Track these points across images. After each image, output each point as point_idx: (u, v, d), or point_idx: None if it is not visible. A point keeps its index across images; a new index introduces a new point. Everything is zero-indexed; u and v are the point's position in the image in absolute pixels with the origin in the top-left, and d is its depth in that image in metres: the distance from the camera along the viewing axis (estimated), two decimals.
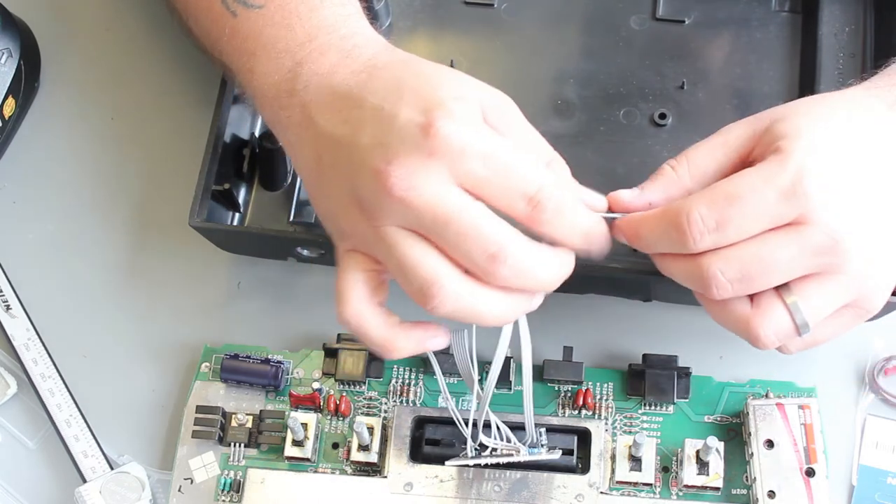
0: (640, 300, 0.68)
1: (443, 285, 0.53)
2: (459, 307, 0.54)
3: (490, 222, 0.53)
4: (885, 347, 0.67)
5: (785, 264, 0.54)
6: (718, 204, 0.54)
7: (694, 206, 0.54)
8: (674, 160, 0.58)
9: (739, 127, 0.58)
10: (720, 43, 0.74)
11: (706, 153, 0.58)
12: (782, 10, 0.74)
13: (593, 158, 0.71)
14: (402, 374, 0.68)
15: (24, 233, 0.73)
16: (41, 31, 0.77)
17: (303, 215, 0.70)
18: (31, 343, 0.69)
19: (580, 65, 0.74)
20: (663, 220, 0.56)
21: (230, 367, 0.67)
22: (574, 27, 0.75)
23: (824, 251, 0.54)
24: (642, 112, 0.72)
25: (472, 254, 0.53)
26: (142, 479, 0.65)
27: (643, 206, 0.58)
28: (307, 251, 0.67)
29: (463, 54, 0.74)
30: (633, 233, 0.58)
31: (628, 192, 0.58)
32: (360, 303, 0.57)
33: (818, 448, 0.62)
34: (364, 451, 0.64)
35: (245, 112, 0.71)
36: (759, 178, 0.54)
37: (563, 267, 0.56)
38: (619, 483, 0.64)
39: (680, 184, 0.57)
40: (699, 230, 0.54)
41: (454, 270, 0.54)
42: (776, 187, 0.53)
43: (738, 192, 0.54)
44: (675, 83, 0.73)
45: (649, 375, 0.66)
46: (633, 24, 0.75)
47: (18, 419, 0.69)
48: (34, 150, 0.76)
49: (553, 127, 0.72)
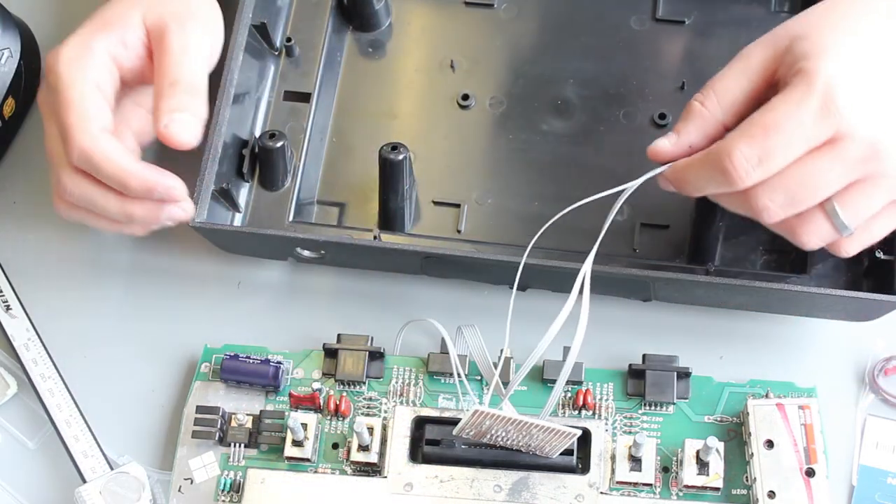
0: (639, 300, 0.68)
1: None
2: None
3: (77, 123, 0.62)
4: (885, 347, 0.67)
5: (829, 181, 0.56)
6: (757, 139, 0.55)
7: (735, 146, 0.55)
8: (700, 94, 0.59)
9: (758, 49, 0.58)
10: (720, 43, 0.73)
11: (731, 81, 0.59)
12: (782, 10, 0.74)
13: (593, 159, 0.71)
14: (402, 374, 0.68)
15: (24, 233, 0.73)
16: (41, 31, 0.77)
17: (303, 215, 0.70)
18: (31, 343, 0.69)
19: (580, 65, 0.74)
20: (708, 164, 0.57)
21: (230, 368, 0.67)
22: (574, 27, 0.75)
23: (864, 161, 0.55)
24: (642, 112, 0.72)
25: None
26: (142, 479, 0.65)
27: (685, 151, 0.59)
28: (307, 251, 0.67)
29: (463, 55, 0.74)
30: (681, 182, 0.59)
31: (666, 140, 0.60)
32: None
33: (818, 448, 0.62)
34: (364, 452, 0.64)
35: (245, 112, 0.71)
36: (790, 104, 0.55)
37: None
38: (619, 483, 0.64)
39: (713, 118, 0.59)
40: (745, 169, 0.55)
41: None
42: (809, 110, 0.54)
43: (773, 122, 0.55)
44: (676, 84, 0.73)
45: (649, 375, 0.66)
46: (634, 25, 0.75)
47: (18, 419, 0.69)
48: (34, 151, 0.76)
49: (553, 127, 0.72)
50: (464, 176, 0.71)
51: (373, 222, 0.70)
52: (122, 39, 0.65)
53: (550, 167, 0.71)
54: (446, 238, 0.69)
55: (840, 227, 0.57)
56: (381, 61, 0.75)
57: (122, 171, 0.62)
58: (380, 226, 0.70)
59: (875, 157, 0.55)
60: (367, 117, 0.73)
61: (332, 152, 0.73)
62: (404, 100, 0.74)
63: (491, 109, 0.73)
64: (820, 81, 0.55)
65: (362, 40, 0.76)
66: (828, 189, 0.56)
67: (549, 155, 0.72)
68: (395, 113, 0.74)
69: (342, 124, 0.73)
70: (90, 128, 0.62)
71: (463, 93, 0.73)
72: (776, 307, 0.67)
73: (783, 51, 0.57)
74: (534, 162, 0.72)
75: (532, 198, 0.70)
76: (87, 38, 0.64)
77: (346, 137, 0.73)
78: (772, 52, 0.58)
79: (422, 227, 0.70)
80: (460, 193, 0.71)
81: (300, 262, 0.69)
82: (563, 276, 0.61)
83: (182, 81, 0.63)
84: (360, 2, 0.74)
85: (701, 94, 0.59)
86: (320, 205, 0.71)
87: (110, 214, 0.64)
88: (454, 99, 0.73)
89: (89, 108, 0.62)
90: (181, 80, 0.63)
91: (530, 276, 0.64)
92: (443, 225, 0.70)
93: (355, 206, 0.71)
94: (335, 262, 0.70)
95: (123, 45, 0.65)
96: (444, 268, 0.68)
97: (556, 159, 0.71)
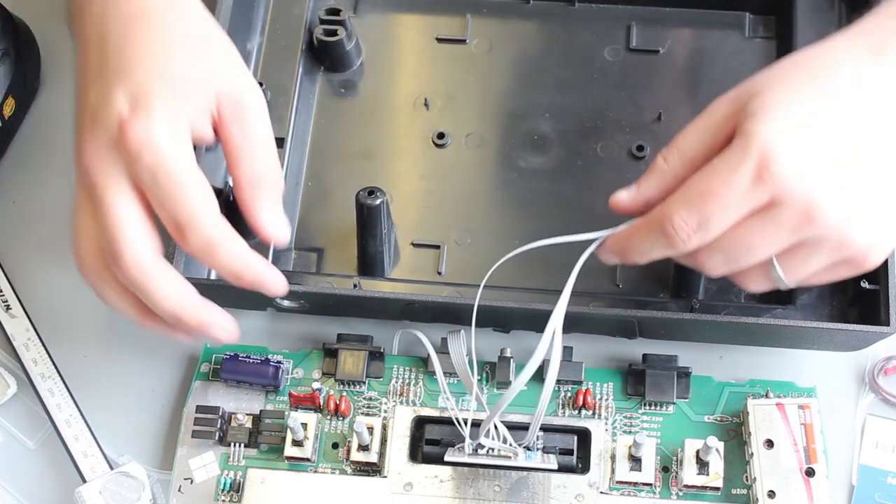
0: (625, 338, 0.68)
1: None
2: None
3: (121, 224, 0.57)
4: (885, 347, 0.67)
5: (766, 245, 0.55)
6: (695, 204, 0.55)
7: (675, 211, 0.55)
8: (665, 150, 0.58)
9: (723, 104, 0.57)
10: (695, 72, 0.73)
11: (694, 138, 0.57)
12: (756, 36, 0.73)
13: (572, 193, 0.70)
14: (402, 374, 0.68)
15: (24, 233, 0.73)
16: (41, 31, 0.77)
17: (280, 263, 0.68)
18: (31, 343, 0.69)
19: (555, 98, 0.73)
20: (649, 229, 0.57)
21: (230, 367, 0.67)
22: (547, 61, 0.74)
23: (799, 226, 0.54)
24: (620, 145, 0.71)
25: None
26: (142, 479, 0.65)
27: (642, 206, 0.58)
28: (287, 301, 0.66)
29: (437, 92, 0.73)
30: (623, 253, 0.59)
31: (625, 192, 0.59)
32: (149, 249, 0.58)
33: (818, 448, 0.62)
34: (364, 451, 0.64)
35: (219, 159, 0.67)
36: (727, 170, 0.54)
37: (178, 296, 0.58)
38: (619, 483, 0.64)
39: (672, 174, 0.58)
40: (685, 232, 0.55)
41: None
42: (744, 175, 0.53)
43: (709, 188, 0.54)
44: (652, 115, 0.72)
45: (649, 375, 0.66)
46: (608, 56, 0.74)
47: (18, 419, 0.69)
48: (34, 150, 0.76)
49: (530, 162, 0.71)
50: (442, 216, 0.70)
51: (352, 267, 0.68)
52: (199, 110, 0.58)
53: (529, 204, 0.70)
54: (426, 282, 0.68)
55: (780, 283, 0.57)
56: (354, 101, 0.73)
57: (243, 259, 0.58)
58: (359, 271, 0.68)
59: (810, 222, 0.54)
60: (342, 159, 0.72)
61: (308, 197, 0.71)
62: (379, 140, 0.72)
63: (467, 147, 0.72)
64: (756, 145, 0.53)
65: (334, 81, 0.74)
66: (766, 252, 0.56)
67: (527, 192, 0.70)
68: (371, 153, 0.72)
69: (317, 167, 0.72)
70: (214, 212, 0.57)
71: (438, 131, 0.72)
72: (762, 341, 0.66)
73: (741, 108, 0.56)
74: (512, 199, 0.70)
75: (512, 236, 0.68)
76: (173, 110, 0.57)
77: (322, 181, 0.71)
78: (734, 107, 0.56)
79: (401, 270, 0.69)
80: (439, 234, 0.69)
81: (280, 312, 0.68)
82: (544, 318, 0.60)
83: (271, 174, 0.60)
84: (331, 43, 0.72)
85: (666, 149, 0.58)
86: (298, 251, 0.69)
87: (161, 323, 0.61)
88: (429, 137, 0.72)
89: (207, 192, 0.57)
90: (270, 171, 0.60)
91: (513, 317, 0.63)
92: (423, 267, 0.69)
93: (334, 251, 0.69)
94: (316, 312, 0.68)
95: (201, 114, 0.58)
96: (426, 313, 0.67)
97: (535, 196, 0.70)
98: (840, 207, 0.54)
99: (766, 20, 0.73)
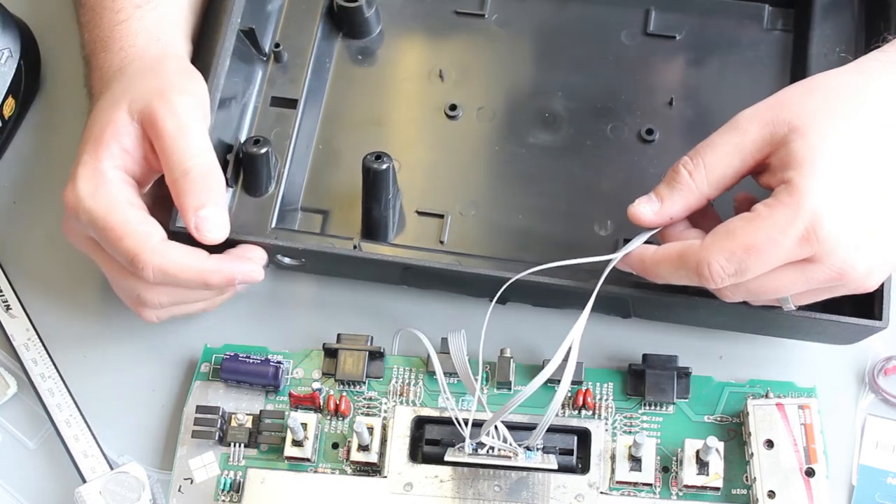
0: (619, 317, 0.68)
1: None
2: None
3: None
4: (885, 347, 0.67)
5: (791, 289, 0.58)
6: (737, 255, 0.56)
7: (714, 259, 0.56)
8: (690, 163, 0.59)
9: (756, 126, 0.57)
10: (710, 60, 0.73)
11: (723, 158, 0.58)
12: (774, 28, 0.73)
13: (579, 172, 0.70)
14: (402, 374, 0.68)
15: (24, 233, 0.73)
16: (41, 31, 0.77)
17: (286, 222, 0.69)
18: (31, 343, 0.69)
19: (569, 78, 0.73)
20: (683, 267, 0.58)
21: (230, 368, 0.67)
22: (564, 40, 0.74)
23: (829, 281, 0.56)
24: (630, 127, 0.71)
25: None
26: (142, 479, 0.65)
27: (664, 222, 0.60)
28: (288, 259, 0.67)
29: (452, 64, 0.74)
30: (645, 273, 0.60)
31: (647, 207, 0.60)
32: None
33: (818, 448, 0.62)
34: (364, 451, 0.64)
35: (231, 117, 0.70)
36: (775, 229, 0.55)
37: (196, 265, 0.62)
38: (619, 483, 0.64)
39: (699, 194, 0.59)
40: (720, 277, 0.57)
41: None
42: (792, 235, 0.55)
43: (755, 243, 0.55)
44: (664, 99, 0.72)
45: (649, 375, 0.66)
46: (624, 39, 0.74)
47: (18, 419, 0.69)
48: (34, 150, 0.76)
49: (539, 139, 0.71)
50: (449, 187, 0.71)
51: (356, 231, 0.69)
52: (122, 147, 0.63)
53: (536, 180, 0.70)
54: (428, 249, 0.68)
55: (786, 307, 0.60)
56: (370, 69, 0.74)
57: (200, 272, 0.62)
58: (363, 235, 0.69)
59: (840, 279, 0.56)
60: (353, 125, 0.73)
61: (317, 159, 0.71)
62: (392, 108, 0.73)
63: (478, 120, 0.72)
64: (807, 209, 0.55)
65: (352, 47, 0.75)
66: (789, 293, 0.58)
67: (534, 167, 0.71)
68: (382, 121, 0.73)
69: (328, 131, 0.72)
70: (151, 245, 0.61)
71: (451, 103, 0.72)
72: (756, 328, 0.67)
73: (780, 140, 0.57)
74: (519, 174, 0.71)
75: (516, 210, 0.69)
76: (92, 164, 0.63)
77: (332, 144, 0.72)
78: (769, 135, 0.57)
79: (405, 237, 0.69)
80: (445, 204, 0.70)
81: (281, 269, 0.69)
82: (543, 291, 0.60)
83: (192, 168, 0.62)
84: (351, 9, 0.73)
85: (692, 162, 0.59)
86: (304, 212, 0.70)
87: (199, 304, 0.67)
88: (442, 109, 0.72)
89: (137, 227, 0.62)
90: (191, 166, 0.62)
91: (509, 291, 0.64)
92: (426, 235, 0.69)
93: (339, 214, 0.70)
94: (315, 271, 0.69)
95: (125, 152, 0.64)
96: (424, 279, 0.67)
97: (542, 172, 0.70)
98: (866, 260, 0.56)
99: (786, 13, 0.73)
